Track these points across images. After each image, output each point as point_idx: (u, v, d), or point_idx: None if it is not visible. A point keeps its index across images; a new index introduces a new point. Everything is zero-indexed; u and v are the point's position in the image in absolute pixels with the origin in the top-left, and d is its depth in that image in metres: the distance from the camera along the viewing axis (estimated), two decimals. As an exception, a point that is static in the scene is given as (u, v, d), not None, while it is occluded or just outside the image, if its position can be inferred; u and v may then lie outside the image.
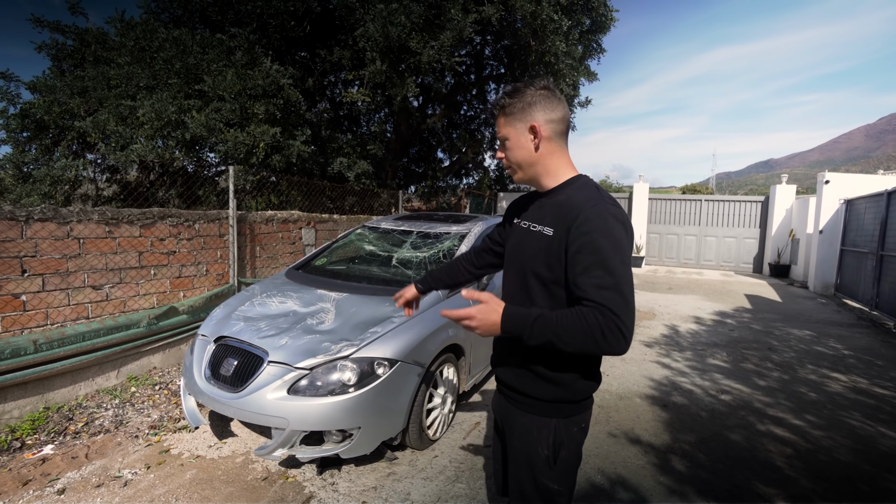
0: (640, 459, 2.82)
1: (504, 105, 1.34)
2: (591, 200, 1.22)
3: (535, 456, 1.33)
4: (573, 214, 1.22)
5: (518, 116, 1.31)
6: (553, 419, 1.32)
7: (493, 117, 1.40)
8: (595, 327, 1.10)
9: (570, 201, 1.27)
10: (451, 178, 11.85)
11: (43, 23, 5.99)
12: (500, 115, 1.35)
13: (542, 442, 1.32)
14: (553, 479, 1.32)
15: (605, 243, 1.16)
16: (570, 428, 1.34)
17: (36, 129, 5.36)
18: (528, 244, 1.37)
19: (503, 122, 1.35)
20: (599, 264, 1.14)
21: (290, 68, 6.10)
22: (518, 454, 1.38)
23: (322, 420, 2.37)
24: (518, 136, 1.32)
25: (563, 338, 1.13)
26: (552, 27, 6.80)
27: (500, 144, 1.39)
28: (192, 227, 4.26)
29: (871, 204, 7.56)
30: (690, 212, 12.60)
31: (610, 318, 1.10)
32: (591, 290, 1.13)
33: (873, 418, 3.46)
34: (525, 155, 1.33)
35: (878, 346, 5.45)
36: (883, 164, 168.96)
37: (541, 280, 1.30)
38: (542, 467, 1.32)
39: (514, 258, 1.43)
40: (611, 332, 1.09)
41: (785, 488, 2.55)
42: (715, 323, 6.36)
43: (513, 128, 1.33)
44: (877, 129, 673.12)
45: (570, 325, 1.13)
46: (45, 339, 3.11)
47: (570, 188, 1.32)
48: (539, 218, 1.36)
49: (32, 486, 2.41)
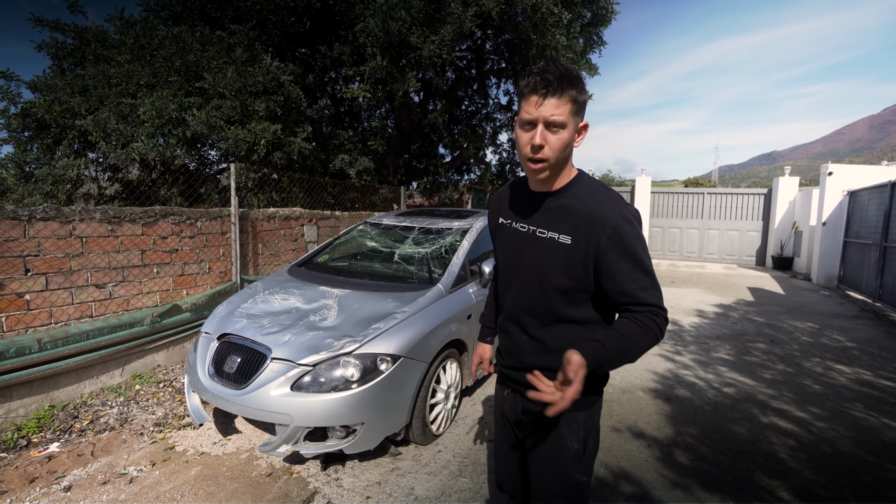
0: (644, 453, 2.82)
1: (577, 85, 1.15)
2: (613, 207, 1.20)
3: (565, 452, 1.32)
4: (600, 223, 1.18)
5: (581, 109, 1.18)
6: (582, 412, 1.31)
7: (551, 89, 1.12)
8: (654, 327, 1.17)
9: (586, 208, 1.21)
10: (453, 173, 11.82)
11: (43, 22, 5.99)
12: (567, 94, 1.13)
13: (571, 437, 1.31)
14: (581, 471, 1.34)
15: (638, 247, 1.19)
16: (594, 417, 1.35)
17: (37, 128, 5.37)
18: (538, 251, 1.28)
19: (570, 105, 1.14)
20: (639, 268, 1.19)
21: (290, 65, 6.09)
22: (545, 452, 1.35)
23: (325, 416, 2.38)
24: (573, 128, 1.19)
25: (635, 350, 1.17)
26: (553, 20, 6.76)
27: (547, 127, 1.15)
28: (195, 224, 4.26)
29: (875, 195, 7.51)
30: (693, 205, 12.56)
31: (659, 314, 1.19)
32: (639, 293, 1.19)
33: (877, 410, 3.45)
34: (568, 153, 1.22)
35: (881, 337, 5.44)
36: (887, 154, 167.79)
37: (560, 289, 1.26)
38: (573, 461, 1.32)
39: (521, 266, 1.34)
40: (664, 324, 1.19)
41: (788, 480, 2.56)
42: (718, 316, 6.35)
43: (575, 117, 1.17)
44: (881, 119, 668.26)
45: (636, 338, 1.16)
46: (50, 338, 3.12)
47: (576, 189, 1.26)
48: (548, 224, 1.27)
49: (39, 484, 2.43)
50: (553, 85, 1.12)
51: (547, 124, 1.14)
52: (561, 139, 1.16)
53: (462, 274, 3.35)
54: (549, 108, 1.13)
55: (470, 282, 3.40)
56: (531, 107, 1.15)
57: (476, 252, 3.65)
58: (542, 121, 1.14)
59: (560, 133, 1.15)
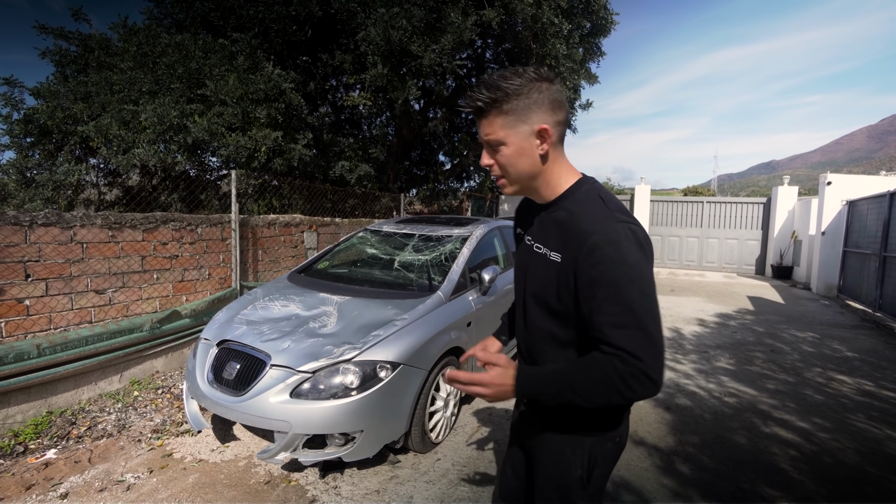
0: (644, 462, 2.81)
1: (498, 99, 1.06)
2: (597, 222, 1.04)
3: (568, 477, 1.21)
4: (579, 241, 1.04)
5: (521, 116, 1.07)
6: (588, 437, 1.19)
7: (477, 113, 1.11)
8: (615, 376, 0.97)
9: (573, 221, 1.09)
10: (453, 181, 11.86)
11: (47, 29, 6.04)
12: (491, 112, 1.08)
13: (575, 462, 1.20)
14: (584, 499, 1.23)
15: (619, 274, 0.99)
16: (604, 444, 1.20)
17: (39, 134, 5.40)
18: (534, 268, 1.20)
19: (498, 121, 1.08)
20: (614, 299, 0.98)
21: (291, 72, 6.14)
22: (549, 475, 1.26)
23: (325, 423, 2.37)
24: (520, 140, 1.08)
25: (583, 394, 1.01)
26: (553, 30, 6.83)
27: (489, 148, 1.13)
28: (195, 230, 4.27)
29: (874, 205, 7.53)
30: (692, 214, 12.59)
31: (631, 363, 0.95)
32: (608, 330, 0.99)
33: (879, 420, 3.44)
34: (528, 164, 1.11)
35: (881, 347, 5.43)
36: (885, 165, 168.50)
37: (551, 311, 1.15)
38: (576, 488, 1.21)
39: (522, 281, 1.27)
40: (634, 379, 0.96)
41: (789, 490, 2.54)
42: (718, 325, 6.34)
43: (513, 130, 1.08)
44: (879, 129, 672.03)
45: (587, 379, 1.00)
46: (49, 344, 3.11)
47: (570, 200, 1.14)
48: (543, 238, 1.19)
49: (35, 491, 2.41)
50: (477, 110, 1.10)
51: (488, 145, 1.13)
52: (505, 155, 1.11)
53: (462, 281, 3.36)
54: (483, 129, 1.12)
55: (470, 289, 3.40)
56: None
57: (476, 259, 3.65)
58: (484, 143, 1.14)
59: (502, 150, 1.11)
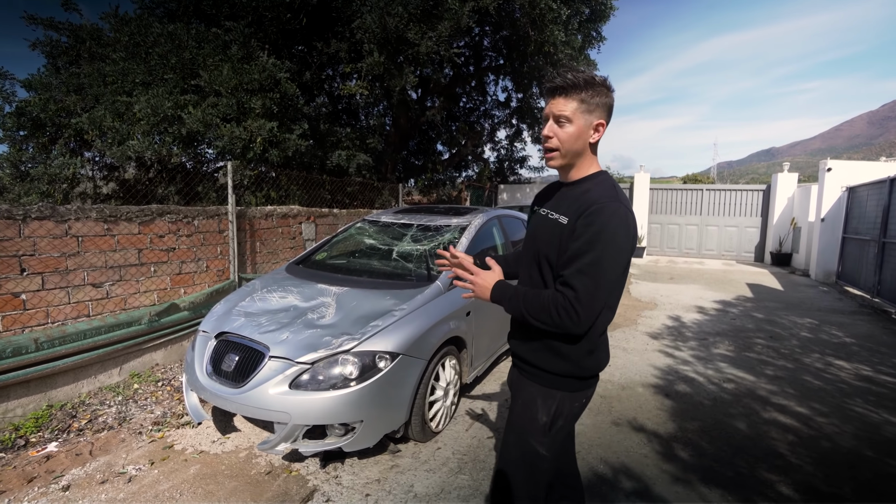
0: (644, 448, 2.82)
1: (585, 88, 1.31)
2: (603, 197, 1.29)
3: (533, 421, 1.41)
4: (585, 206, 1.29)
5: (593, 107, 1.33)
6: (559, 391, 1.40)
7: (559, 90, 1.33)
8: (554, 307, 1.23)
9: (587, 195, 1.34)
10: (451, 170, 11.80)
11: (37, 20, 5.95)
12: (573, 94, 1.31)
13: (543, 409, 1.41)
14: (543, 445, 1.41)
15: (602, 237, 1.23)
16: (572, 402, 1.42)
17: (32, 127, 5.34)
18: (544, 230, 1.43)
19: (576, 104, 1.31)
20: (587, 255, 1.23)
21: (286, 62, 6.05)
22: (517, 417, 1.46)
23: (324, 414, 2.37)
24: (583, 125, 1.33)
25: (530, 311, 1.29)
26: (551, 16, 6.73)
27: (556, 121, 1.35)
28: (192, 223, 4.24)
29: (874, 191, 7.51)
30: (692, 201, 12.56)
31: (568, 300, 1.22)
32: (569, 274, 1.25)
33: (877, 405, 3.45)
34: (580, 146, 1.36)
35: (879, 333, 5.44)
36: (885, 151, 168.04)
37: (551, 265, 1.37)
38: (537, 432, 1.41)
39: (531, 243, 1.50)
40: (563, 309, 1.22)
41: (788, 475, 2.55)
42: (717, 312, 6.35)
43: (582, 115, 1.32)
44: (879, 115, 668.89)
45: (534, 300, 1.28)
46: (47, 338, 3.10)
47: (591, 182, 1.39)
48: (557, 206, 1.42)
49: (37, 483, 2.42)
50: (559, 87, 1.32)
51: (555, 118, 1.35)
52: (567, 132, 1.33)
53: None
54: (558, 105, 1.33)
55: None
56: (546, 105, 1.38)
57: (475, 249, 3.63)
58: (551, 116, 1.36)
59: (567, 126, 1.33)
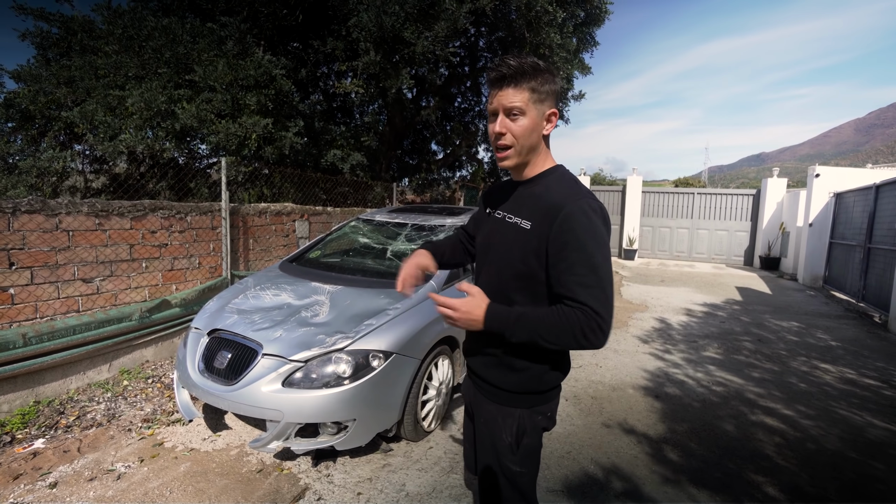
0: (634, 449, 2.85)
1: (535, 75, 1.19)
2: (569, 197, 1.19)
3: (499, 441, 1.34)
4: (555, 210, 1.18)
5: (544, 96, 1.21)
6: (518, 409, 1.33)
7: (507, 79, 1.19)
8: (576, 325, 1.12)
9: (548, 194, 1.24)
10: (445, 170, 11.80)
11: (26, 10, 5.85)
12: (523, 83, 1.19)
13: (505, 430, 1.34)
14: (515, 463, 1.34)
15: (588, 241, 1.15)
16: (534, 417, 1.34)
17: (21, 119, 5.26)
18: (503, 236, 1.32)
19: (528, 93, 1.19)
20: (584, 263, 1.14)
21: (282, 59, 6.03)
22: (484, 437, 1.40)
23: (317, 412, 2.37)
24: (537, 116, 1.21)
25: (546, 336, 1.15)
26: (547, 19, 6.77)
27: (507, 115, 1.21)
28: (184, 219, 4.21)
29: (860, 197, 7.64)
30: (683, 205, 12.68)
31: (591, 317, 1.12)
32: (576, 288, 1.14)
33: (860, 408, 3.52)
34: (534, 140, 1.24)
35: (864, 336, 5.54)
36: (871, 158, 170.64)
37: (516, 274, 1.26)
38: (505, 452, 1.34)
39: (489, 249, 1.38)
40: (591, 331, 1.12)
41: (775, 476, 2.60)
42: (706, 315, 6.42)
43: (536, 104, 1.20)
44: (866, 123, 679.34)
45: (552, 324, 1.15)
46: (35, 333, 3.06)
47: (548, 179, 1.28)
48: (515, 209, 1.31)
49: (24, 480, 2.39)
50: (508, 76, 1.19)
51: (506, 112, 1.21)
52: (521, 125, 1.21)
53: (455, 271, 3.35)
54: (508, 97, 1.19)
55: (462, 278, 3.40)
56: (492, 98, 1.23)
57: (469, 249, 3.64)
58: (501, 109, 1.21)
59: (520, 119, 1.20)
